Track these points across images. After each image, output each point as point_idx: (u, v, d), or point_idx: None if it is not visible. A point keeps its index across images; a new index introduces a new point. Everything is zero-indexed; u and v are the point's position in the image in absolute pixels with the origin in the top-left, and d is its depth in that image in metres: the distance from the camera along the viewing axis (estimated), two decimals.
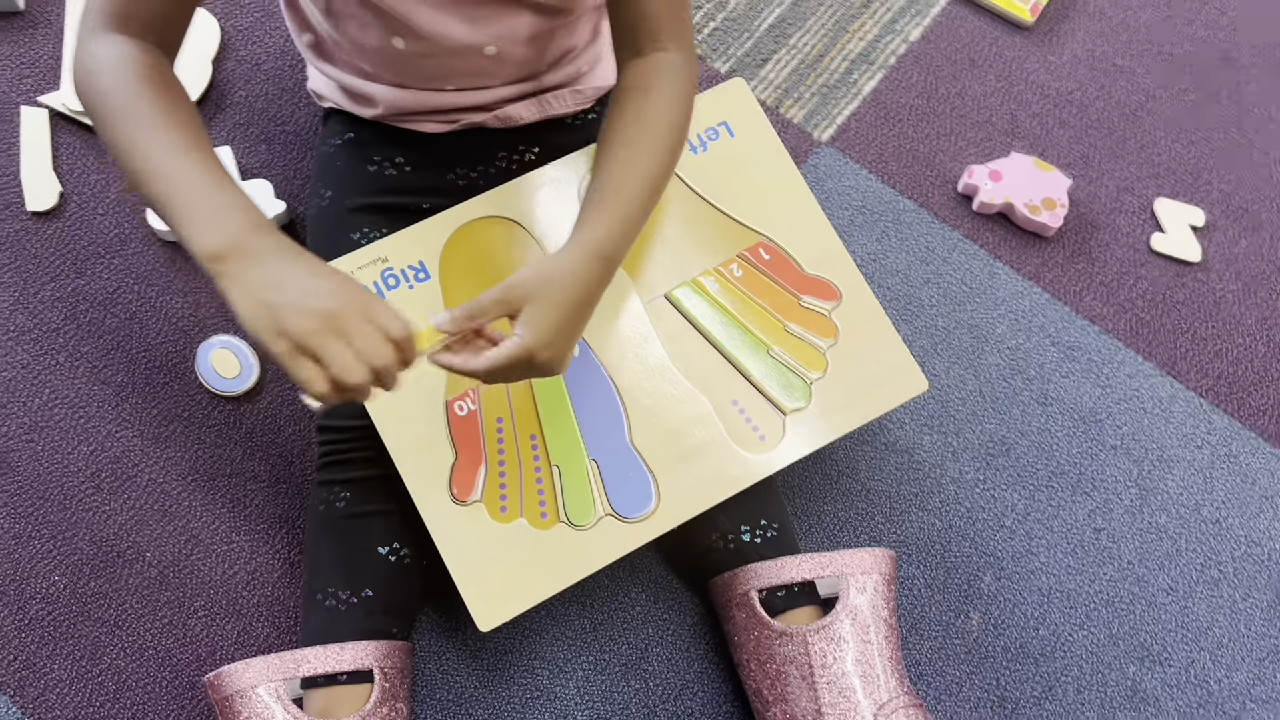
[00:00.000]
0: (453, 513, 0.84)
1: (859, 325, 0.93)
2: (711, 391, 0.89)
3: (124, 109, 0.70)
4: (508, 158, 0.96)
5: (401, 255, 0.89)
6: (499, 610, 0.83)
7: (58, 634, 0.93)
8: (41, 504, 0.97)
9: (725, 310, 0.92)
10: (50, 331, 1.03)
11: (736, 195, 0.94)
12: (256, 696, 0.80)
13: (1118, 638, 0.99)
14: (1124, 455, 1.07)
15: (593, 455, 0.87)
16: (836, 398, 0.91)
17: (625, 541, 0.85)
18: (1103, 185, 1.20)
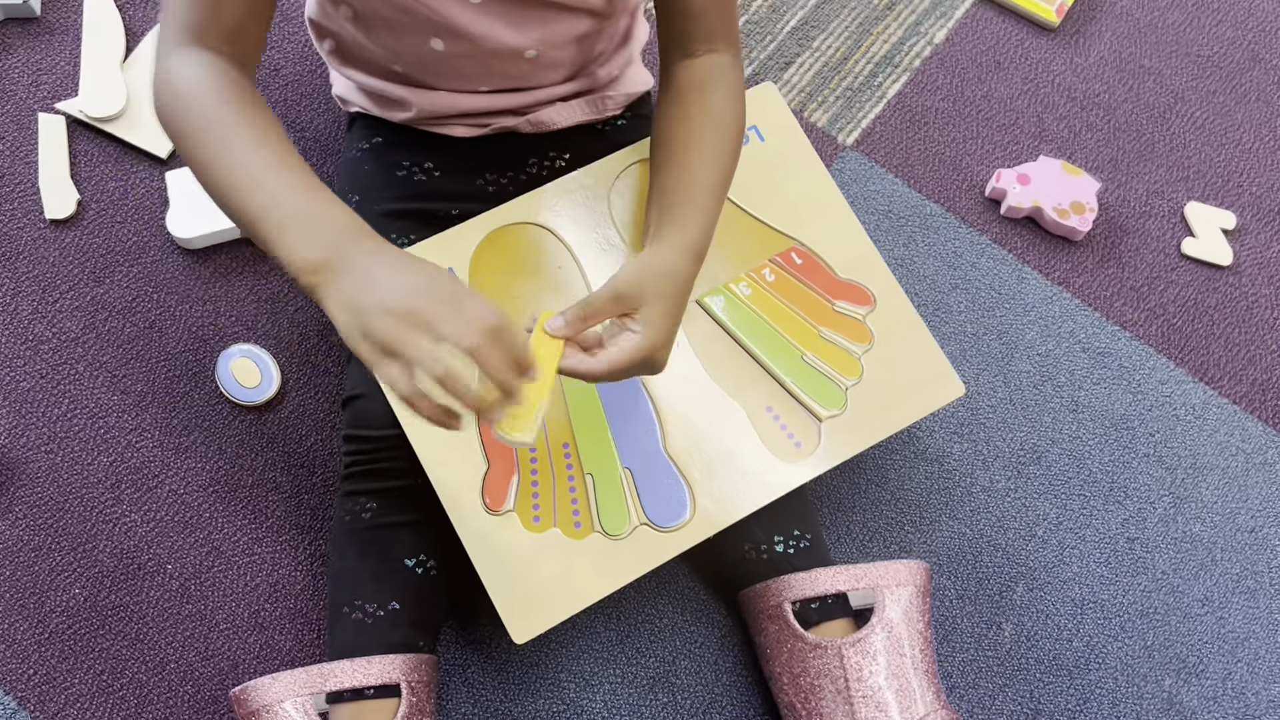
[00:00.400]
0: (486, 523, 0.83)
1: (894, 330, 0.91)
2: (746, 398, 0.88)
3: (207, 126, 0.69)
4: (538, 163, 0.95)
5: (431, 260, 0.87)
6: (534, 622, 0.82)
7: (78, 648, 0.91)
8: (61, 515, 0.96)
9: (758, 316, 0.90)
10: (69, 341, 1.02)
11: (768, 200, 0.93)
12: (283, 712, 0.79)
13: (1153, 649, 0.98)
14: (1157, 463, 1.05)
15: (626, 464, 0.85)
16: (872, 403, 0.89)
17: (661, 551, 0.84)
18: (1132, 189, 1.18)
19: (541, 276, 0.89)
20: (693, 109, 0.81)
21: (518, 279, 0.88)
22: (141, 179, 1.09)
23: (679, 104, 0.82)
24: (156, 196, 1.08)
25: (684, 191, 0.79)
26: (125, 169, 1.09)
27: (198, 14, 0.72)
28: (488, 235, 0.89)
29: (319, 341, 1.04)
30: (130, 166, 1.09)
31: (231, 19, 0.73)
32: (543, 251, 0.89)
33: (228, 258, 1.06)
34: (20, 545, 0.94)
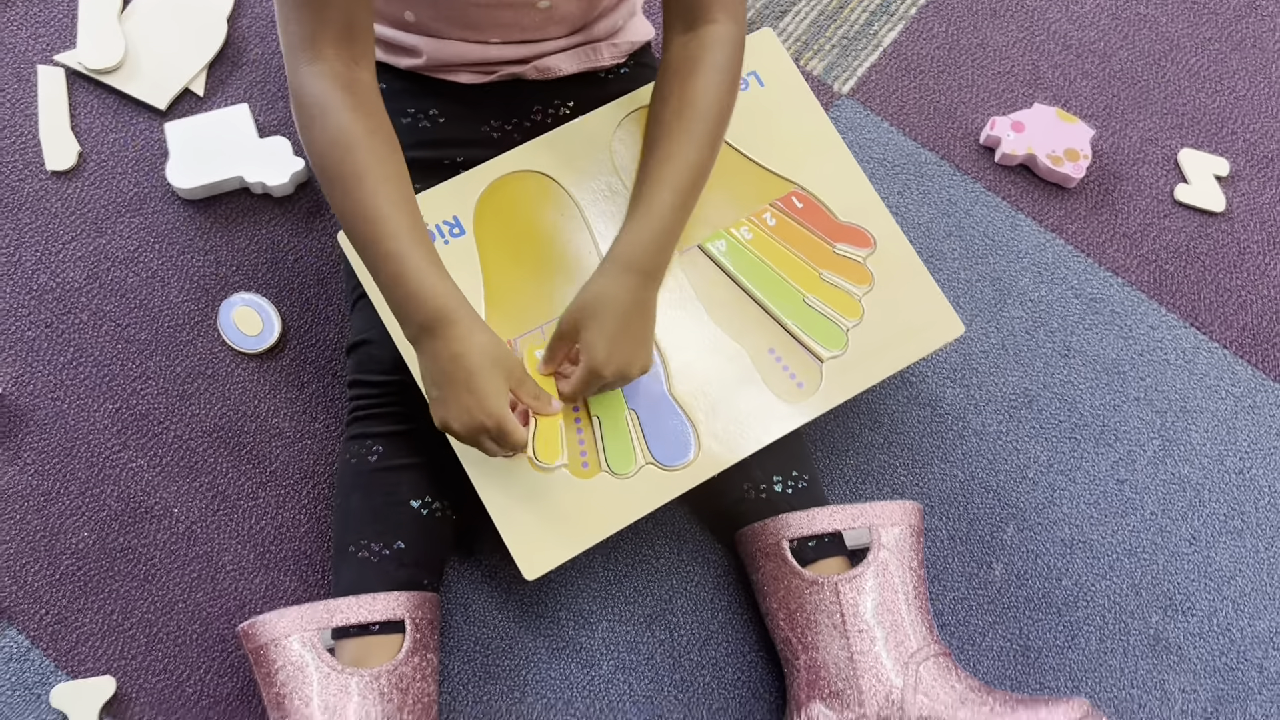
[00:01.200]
0: (495, 464, 0.84)
1: (894, 271, 0.92)
2: (748, 341, 0.89)
3: (333, 171, 0.76)
4: (543, 111, 0.95)
5: (436, 211, 0.88)
6: (543, 559, 0.83)
7: (88, 589, 0.94)
8: (69, 461, 0.97)
9: (759, 259, 0.91)
10: (73, 290, 1.03)
11: (768, 144, 0.94)
12: (289, 646, 0.81)
13: (1140, 588, 1.00)
14: (1147, 407, 1.07)
15: (632, 406, 0.87)
16: (873, 344, 0.91)
17: (666, 489, 0.86)
18: (1126, 136, 1.18)
19: (546, 225, 0.90)
20: (670, 98, 0.84)
21: (523, 227, 0.89)
22: (141, 130, 1.09)
23: (667, 84, 0.84)
24: (156, 148, 1.09)
25: (636, 203, 0.83)
26: (125, 120, 1.10)
27: (308, 25, 0.75)
28: (492, 184, 0.90)
29: (319, 289, 1.05)
30: (130, 118, 1.10)
31: (339, 18, 0.75)
32: (546, 200, 0.90)
33: (228, 207, 1.07)
34: (29, 490, 0.96)
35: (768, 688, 0.94)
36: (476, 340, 0.76)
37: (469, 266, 0.88)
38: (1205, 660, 0.97)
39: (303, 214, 1.08)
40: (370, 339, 0.90)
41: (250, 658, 0.84)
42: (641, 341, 0.82)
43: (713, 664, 0.94)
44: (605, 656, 0.94)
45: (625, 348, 0.81)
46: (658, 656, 0.94)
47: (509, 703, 0.92)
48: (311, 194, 1.08)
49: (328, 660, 0.81)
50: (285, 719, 0.81)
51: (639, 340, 0.82)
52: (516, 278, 0.88)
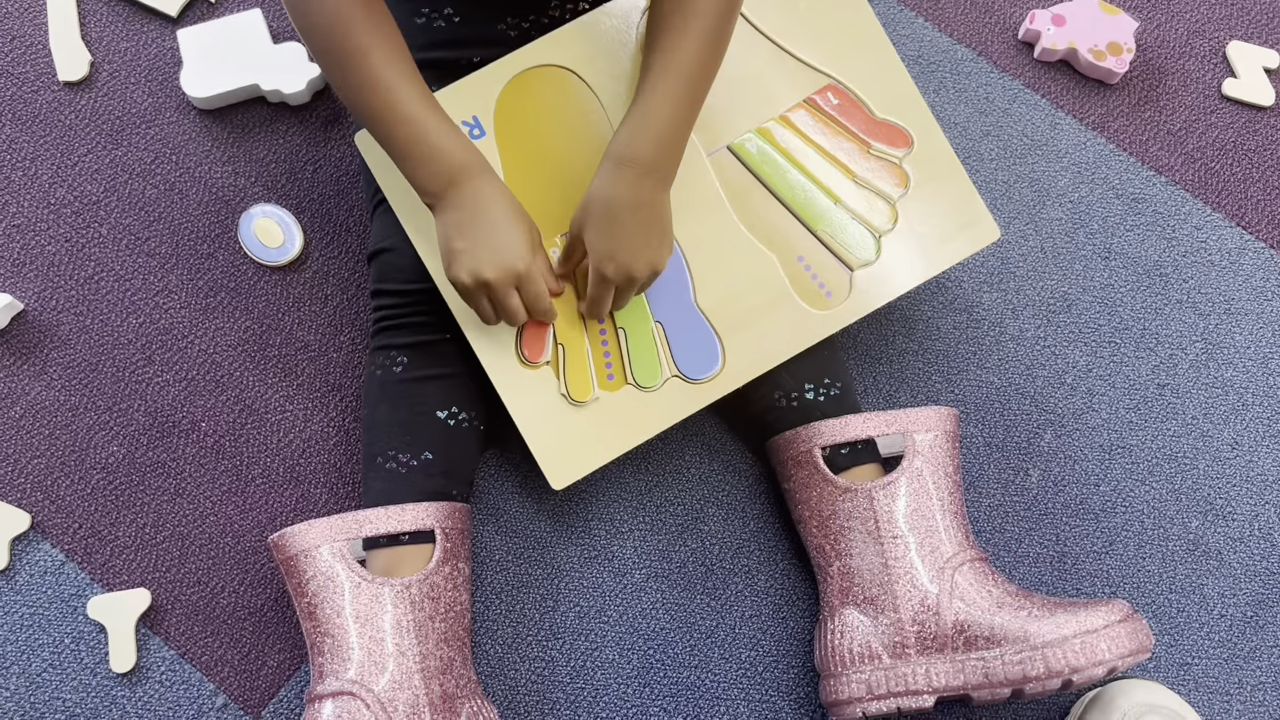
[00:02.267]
0: (522, 376, 0.83)
1: (930, 173, 0.89)
2: (777, 247, 0.87)
3: (336, 50, 0.75)
4: (560, 5, 0.92)
5: (455, 110, 0.85)
6: (570, 469, 0.83)
7: (120, 503, 0.94)
8: (95, 376, 0.97)
9: (792, 159, 0.88)
10: (91, 204, 1.01)
11: (803, 34, 0.90)
12: (320, 556, 0.81)
13: (1180, 493, 0.98)
14: (1190, 309, 1.04)
15: (658, 317, 0.85)
16: (907, 250, 0.88)
17: (692, 401, 0.84)
18: (1171, 28, 1.13)
19: (568, 125, 0.87)
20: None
21: (545, 125, 0.86)
22: (153, 39, 1.07)
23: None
24: (169, 56, 1.06)
25: (649, 79, 0.80)
26: (136, 29, 1.07)
27: None
28: (511, 81, 0.86)
29: (339, 200, 1.03)
30: (141, 26, 1.07)
31: None
32: (568, 96, 0.87)
33: (244, 117, 1.05)
34: (57, 406, 0.96)
35: (800, 595, 0.93)
36: (504, 191, 0.78)
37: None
38: (1245, 565, 0.96)
39: (320, 122, 1.05)
40: (391, 246, 0.88)
41: (281, 569, 0.84)
42: (645, 239, 0.80)
43: (745, 572, 0.94)
44: (637, 565, 0.94)
45: (626, 245, 0.79)
46: (689, 565, 0.94)
47: (542, 611, 0.92)
48: (329, 102, 1.06)
49: (358, 570, 0.81)
50: (318, 628, 0.81)
51: (642, 237, 0.80)
52: (540, 181, 0.86)
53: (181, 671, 0.89)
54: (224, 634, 0.91)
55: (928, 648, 0.82)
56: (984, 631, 0.81)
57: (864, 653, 0.84)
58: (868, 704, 0.83)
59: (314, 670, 0.81)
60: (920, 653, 0.83)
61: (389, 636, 0.80)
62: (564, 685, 0.90)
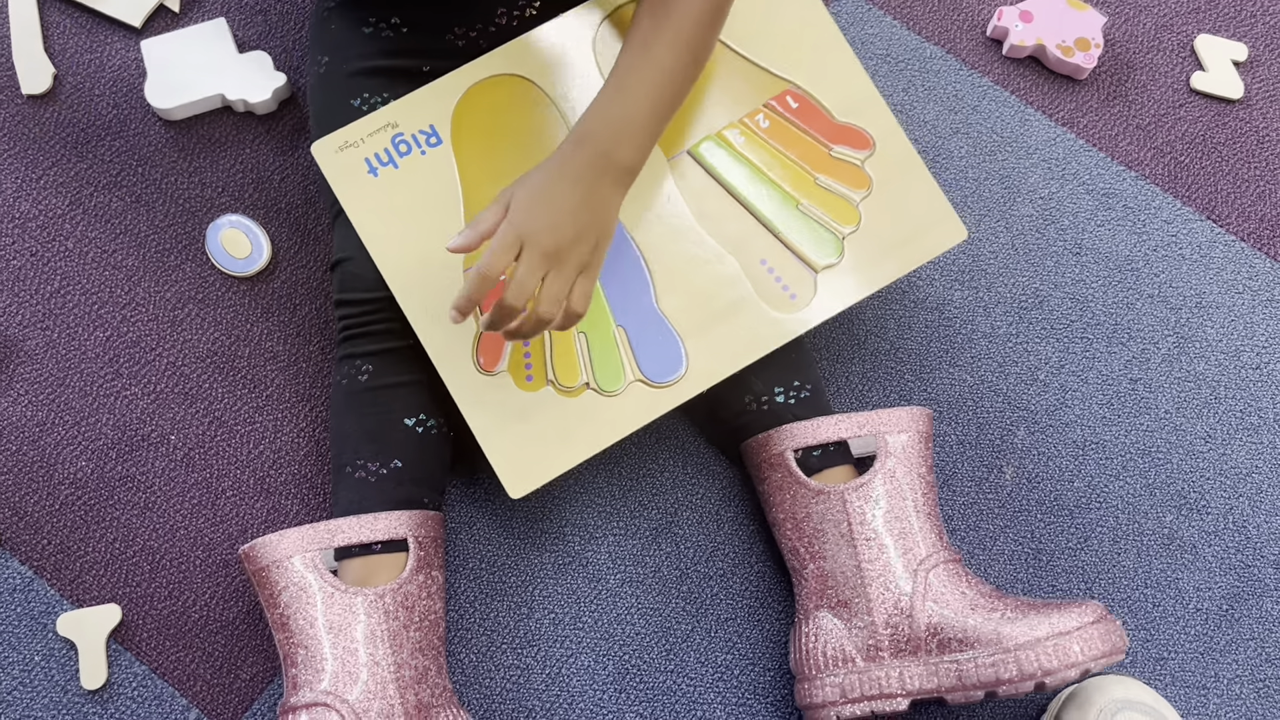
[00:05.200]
0: (479, 382, 0.83)
1: (893, 174, 0.89)
2: (739, 251, 0.87)
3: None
4: (507, 14, 0.91)
5: (411, 120, 0.85)
6: (529, 478, 0.82)
7: (89, 518, 0.93)
8: (61, 391, 0.96)
9: (752, 164, 0.88)
10: (56, 217, 1.01)
11: (761, 40, 0.90)
12: (292, 566, 0.81)
13: (1154, 487, 0.98)
14: (1161, 303, 1.04)
15: (620, 321, 0.85)
16: (871, 251, 0.88)
17: (655, 406, 0.84)
18: (1139, 23, 1.13)
19: (526, 132, 0.87)
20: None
21: (503, 133, 0.86)
22: (117, 50, 1.06)
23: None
24: (134, 67, 1.05)
25: (620, 71, 0.78)
26: (99, 40, 1.06)
27: None
28: (469, 90, 0.86)
29: (307, 209, 1.02)
30: (104, 37, 1.06)
31: None
32: (527, 105, 0.87)
33: (210, 127, 1.04)
34: (24, 421, 0.95)
35: (775, 598, 0.93)
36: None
37: (446, 177, 0.85)
38: (1220, 558, 0.96)
39: (287, 132, 1.04)
40: (351, 255, 0.87)
41: (253, 580, 0.83)
42: (568, 217, 0.74)
43: (720, 575, 0.94)
44: (612, 570, 0.93)
45: (542, 213, 0.73)
46: (664, 569, 0.93)
47: (517, 619, 0.92)
48: (295, 111, 1.05)
49: (331, 580, 0.80)
50: (290, 639, 0.80)
51: (565, 214, 0.74)
52: (495, 189, 0.85)
53: (153, 687, 0.89)
54: (196, 648, 0.90)
55: (901, 650, 0.82)
56: (957, 634, 0.81)
57: (838, 656, 0.84)
58: (842, 707, 0.83)
59: (287, 682, 0.81)
60: (894, 655, 0.82)
61: (362, 646, 0.79)
62: (539, 693, 0.90)
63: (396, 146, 0.85)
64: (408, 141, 0.85)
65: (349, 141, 0.85)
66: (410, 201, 0.85)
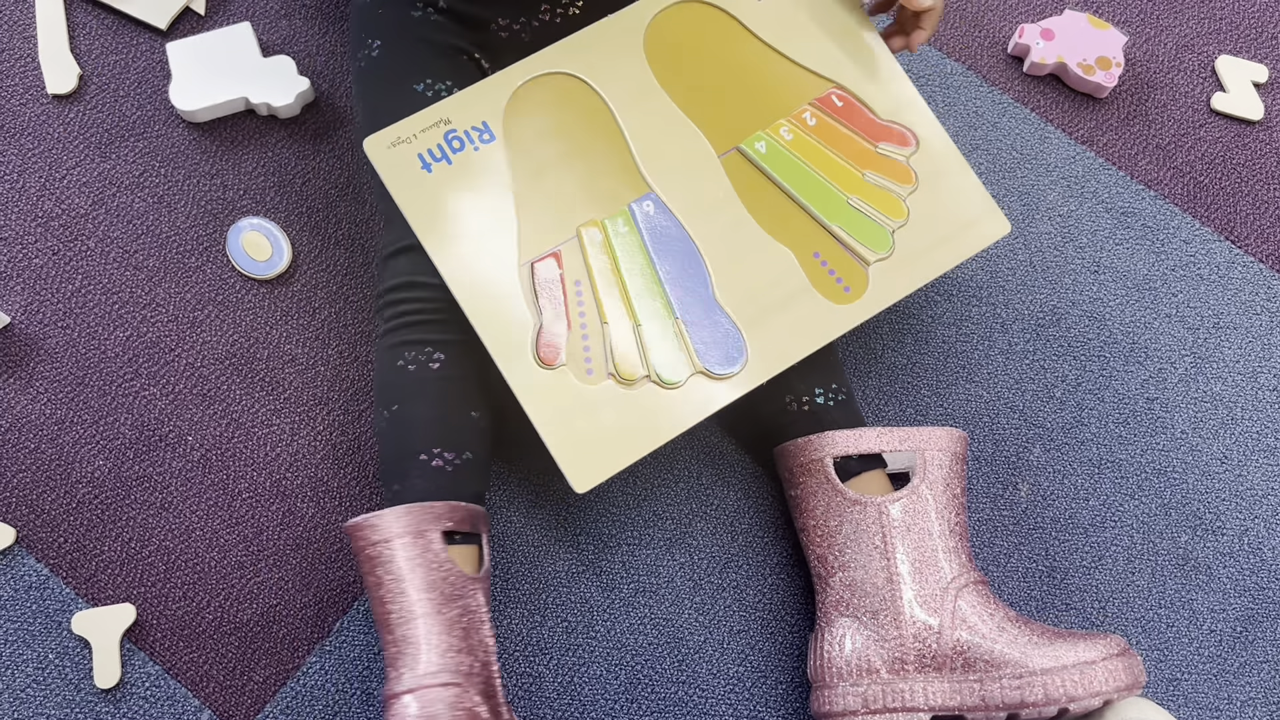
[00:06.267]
0: (540, 378, 0.82)
1: (937, 170, 0.90)
2: (793, 244, 0.87)
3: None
4: (550, 9, 0.92)
5: (464, 116, 0.86)
6: (594, 471, 0.81)
7: (105, 517, 0.93)
8: (81, 390, 0.96)
9: (800, 161, 0.89)
10: (79, 217, 1.01)
11: (805, 41, 0.91)
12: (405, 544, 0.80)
13: (1169, 507, 0.98)
14: (1179, 323, 1.04)
15: (680, 314, 0.85)
16: (919, 245, 0.89)
17: (716, 399, 0.84)
18: (1161, 43, 1.14)
19: (577, 131, 0.87)
20: None
21: (555, 132, 0.87)
22: (142, 51, 1.07)
23: None
24: (158, 69, 1.06)
25: None
26: (125, 41, 1.07)
27: None
28: (521, 86, 0.87)
29: (328, 213, 1.03)
30: (130, 39, 1.07)
31: None
32: (578, 104, 0.88)
33: (233, 130, 1.05)
34: (43, 420, 0.95)
35: (789, 609, 0.93)
36: None
37: (499, 174, 0.85)
38: (1235, 580, 0.96)
39: (310, 135, 1.05)
40: (418, 245, 0.86)
41: (359, 557, 0.82)
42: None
43: (733, 586, 0.93)
44: (625, 579, 0.93)
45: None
46: (678, 579, 0.93)
47: (529, 626, 0.92)
48: (318, 115, 1.06)
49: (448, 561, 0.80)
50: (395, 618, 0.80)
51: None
52: (548, 185, 0.86)
53: (166, 687, 0.89)
54: (209, 649, 0.90)
55: (926, 666, 0.82)
56: (983, 655, 0.81)
57: (862, 666, 0.84)
58: (862, 717, 0.83)
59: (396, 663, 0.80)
60: (919, 670, 0.83)
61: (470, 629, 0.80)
62: (550, 701, 0.90)
63: (450, 142, 0.86)
64: (461, 138, 0.86)
65: (401, 137, 0.86)
66: (464, 198, 0.85)
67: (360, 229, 1.03)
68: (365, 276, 1.01)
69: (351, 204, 1.03)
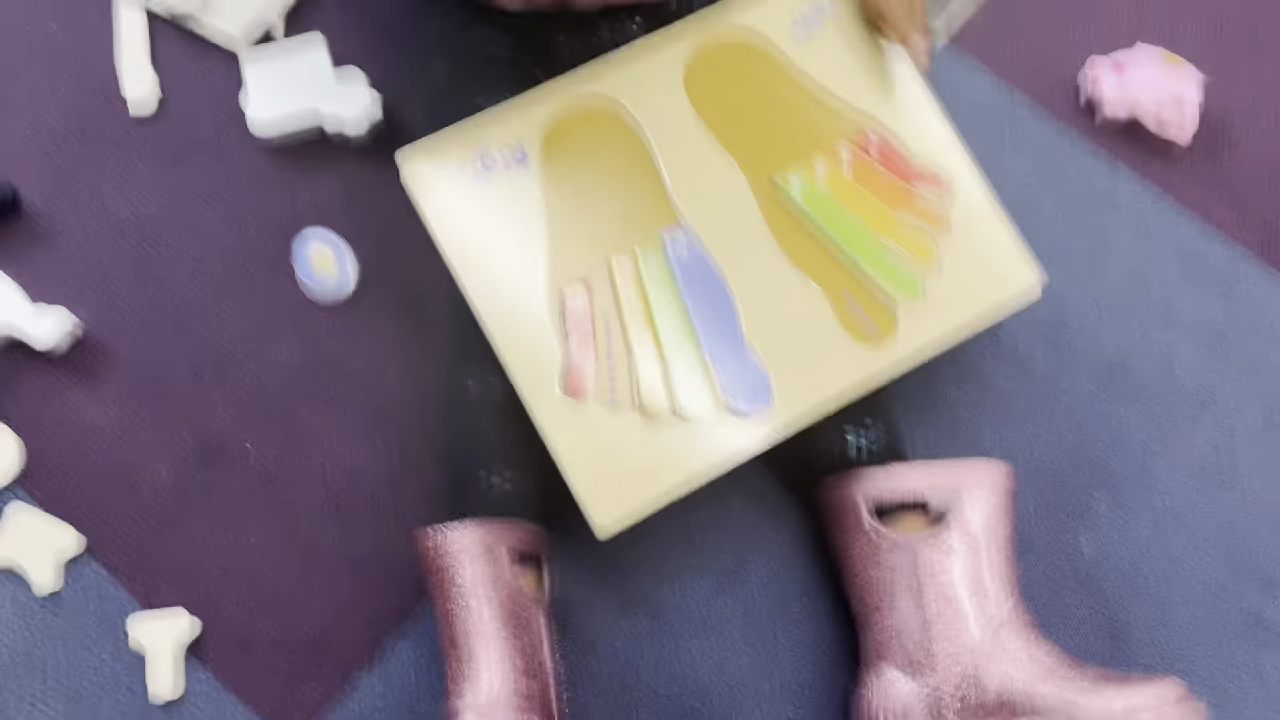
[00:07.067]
0: (566, 411, 0.82)
1: (972, 218, 0.89)
2: (823, 282, 0.86)
3: None
4: (609, 27, 0.94)
5: (499, 136, 0.85)
6: (618, 514, 0.81)
7: (166, 524, 0.94)
8: (147, 397, 0.98)
9: (834, 198, 0.88)
10: (153, 226, 1.03)
11: (844, 77, 0.90)
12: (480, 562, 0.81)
13: (1237, 564, 0.95)
14: (1250, 374, 1.01)
15: (708, 350, 0.84)
16: (949, 292, 0.87)
17: (745, 446, 0.83)
18: (1237, 84, 1.11)
19: (614, 162, 0.87)
20: None
21: (587, 161, 0.86)
22: (220, 73, 1.08)
23: None
24: (235, 88, 1.07)
25: None
26: (203, 62, 1.08)
27: None
28: (557, 112, 0.86)
29: (397, 235, 1.03)
30: (208, 60, 1.09)
31: None
32: (615, 133, 0.87)
33: (306, 150, 1.06)
34: (109, 425, 0.97)
35: (846, 652, 0.92)
36: None
37: (531, 198, 0.85)
38: None
39: (381, 160, 1.05)
40: None
41: (427, 568, 0.82)
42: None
43: (789, 625, 0.93)
44: (677, 616, 0.93)
45: None
46: (731, 618, 0.93)
47: (579, 659, 0.91)
48: (388, 137, 1.06)
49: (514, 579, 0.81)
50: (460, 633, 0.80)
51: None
52: (581, 212, 0.86)
53: (218, 698, 0.90)
54: (262, 664, 0.91)
55: (968, 714, 0.81)
56: (1027, 701, 0.79)
57: (902, 713, 0.82)
58: None
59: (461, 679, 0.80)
60: (960, 717, 0.81)
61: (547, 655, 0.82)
62: None
63: (484, 162, 0.86)
64: (495, 158, 0.86)
65: (434, 152, 0.86)
66: (493, 220, 0.85)
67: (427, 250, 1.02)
68: (430, 298, 1.01)
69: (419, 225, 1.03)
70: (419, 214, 0.86)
